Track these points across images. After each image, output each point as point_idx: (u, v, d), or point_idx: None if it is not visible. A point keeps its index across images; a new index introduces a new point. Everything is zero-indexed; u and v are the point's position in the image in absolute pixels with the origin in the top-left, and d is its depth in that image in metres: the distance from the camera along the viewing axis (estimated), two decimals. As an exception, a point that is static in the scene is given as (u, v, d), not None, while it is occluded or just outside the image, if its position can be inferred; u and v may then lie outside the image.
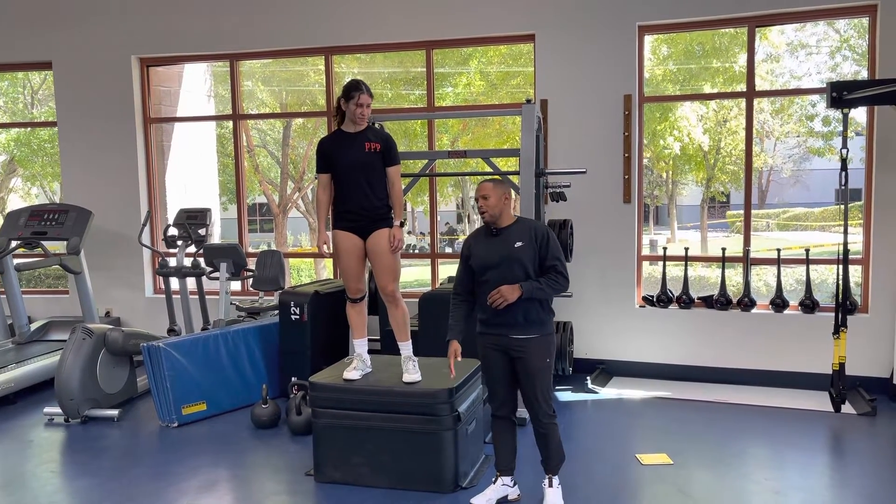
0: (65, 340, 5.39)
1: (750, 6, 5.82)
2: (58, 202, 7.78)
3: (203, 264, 6.20)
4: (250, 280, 6.31)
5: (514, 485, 3.80)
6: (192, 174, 7.92)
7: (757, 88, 6.23)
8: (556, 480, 3.67)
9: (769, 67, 14.35)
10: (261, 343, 5.66)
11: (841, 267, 5.25)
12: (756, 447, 4.63)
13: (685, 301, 6.17)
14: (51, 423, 5.23)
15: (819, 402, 5.37)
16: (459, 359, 3.68)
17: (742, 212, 6.34)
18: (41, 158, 14.86)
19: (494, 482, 3.77)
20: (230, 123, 7.66)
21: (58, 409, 5.19)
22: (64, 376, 5.10)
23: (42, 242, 6.40)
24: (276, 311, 5.86)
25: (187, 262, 6.37)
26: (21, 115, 15.04)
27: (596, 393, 5.77)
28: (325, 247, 4.27)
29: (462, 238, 21.93)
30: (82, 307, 6.54)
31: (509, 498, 3.78)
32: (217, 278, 6.07)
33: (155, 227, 7.32)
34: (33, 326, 6.79)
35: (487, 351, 3.64)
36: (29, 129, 14.52)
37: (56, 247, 6.68)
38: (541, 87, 6.28)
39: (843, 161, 5.17)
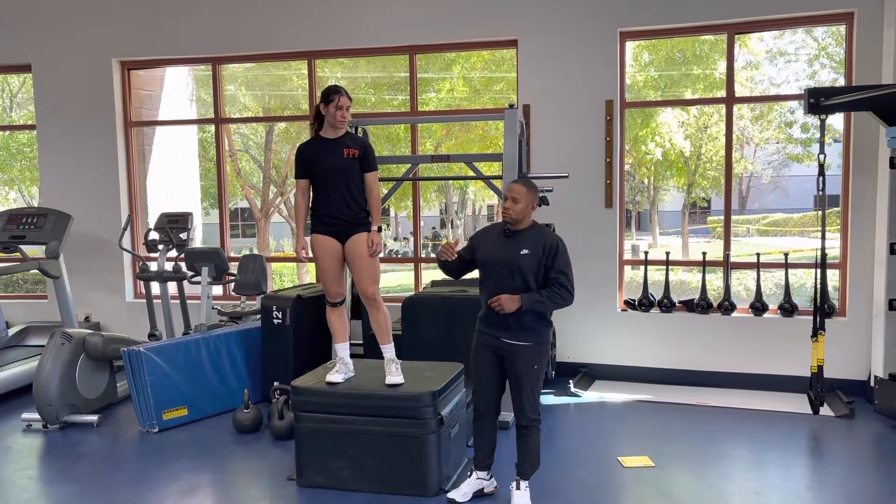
0: (43, 345, 5.33)
1: (729, 13, 5.90)
2: (36, 206, 7.69)
3: (184, 268, 6.17)
4: (232, 284, 6.28)
5: (491, 478, 3.87)
6: (173, 178, 7.87)
7: (736, 95, 6.29)
8: (524, 484, 3.70)
9: (749, 74, 14.54)
10: (243, 347, 5.63)
11: (819, 271, 5.32)
12: (736, 449, 4.67)
13: (666, 305, 6.22)
14: (29, 428, 5.17)
15: (798, 404, 5.43)
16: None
17: (722, 217, 6.41)
18: (20, 162, 14.71)
19: (470, 476, 3.85)
20: (212, 127, 7.62)
21: (36, 415, 5.13)
22: (42, 382, 5.03)
23: (20, 247, 6.32)
24: (258, 316, 5.83)
25: (168, 266, 6.33)
26: (-1, 119, 14.90)
27: (578, 396, 5.79)
28: (303, 252, 4.26)
29: (445, 242, 21.97)
30: (61, 312, 6.47)
31: (485, 491, 3.86)
32: (198, 283, 6.04)
33: (136, 231, 7.25)
34: (11, 331, 6.71)
35: (480, 349, 3.71)
36: (7, 132, 14.37)
37: (35, 251, 6.60)
38: (523, 92, 6.32)
39: (821, 167, 5.24)
